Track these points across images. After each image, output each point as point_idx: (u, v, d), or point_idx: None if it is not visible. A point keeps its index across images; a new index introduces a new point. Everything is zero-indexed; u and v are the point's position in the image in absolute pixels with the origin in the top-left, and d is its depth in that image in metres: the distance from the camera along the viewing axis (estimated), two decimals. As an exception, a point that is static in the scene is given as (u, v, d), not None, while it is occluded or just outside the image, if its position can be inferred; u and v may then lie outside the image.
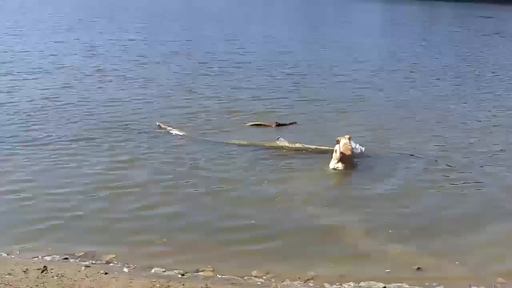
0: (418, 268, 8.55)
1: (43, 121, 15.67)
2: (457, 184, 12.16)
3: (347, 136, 12.90)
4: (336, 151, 12.74)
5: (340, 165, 12.66)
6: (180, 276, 8.19)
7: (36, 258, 8.54)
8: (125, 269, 8.34)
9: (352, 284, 8.13)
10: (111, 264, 8.50)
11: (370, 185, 12.03)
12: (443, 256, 9.05)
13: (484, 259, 9.06)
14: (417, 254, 9.09)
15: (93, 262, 8.52)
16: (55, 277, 7.77)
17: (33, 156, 12.86)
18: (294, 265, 8.71)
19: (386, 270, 8.52)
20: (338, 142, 12.77)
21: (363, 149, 13.36)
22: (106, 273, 8.03)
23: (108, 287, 7.56)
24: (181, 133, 14.94)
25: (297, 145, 13.99)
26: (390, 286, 8.05)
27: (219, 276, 8.26)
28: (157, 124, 15.57)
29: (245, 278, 8.24)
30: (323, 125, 16.22)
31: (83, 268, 8.21)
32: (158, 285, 7.67)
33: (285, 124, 16.22)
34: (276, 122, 16.21)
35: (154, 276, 8.13)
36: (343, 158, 12.62)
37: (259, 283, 8.13)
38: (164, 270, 8.36)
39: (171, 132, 15.06)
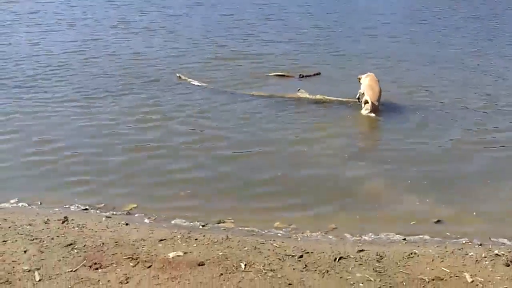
0: (438, 220, 8.55)
1: (68, 76, 15.73)
2: (486, 140, 12.06)
3: (372, 74, 13.24)
4: (367, 101, 12.87)
5: (372, 114, 12.83)
6: (201, 227, 8.24)
7: (57, 209, 8.64)
8: (146, 220, 8.41)
9: (372, 236, 8.13)
10: (131, 215, 8.59)
11: (396, 138, 12.00)
12: (462, 209, 9.04)
13: (504, 213, 9.02)
14: (436, 206, 9.08)
15: (114, 213, 8.60)
16: (76, 228, 7.85)
17: (57, 111, 12.95)
18: (315, 217, 8.77)
19: (407, 223, 8.53)
20: (359, 79, 13.30)
21: None
22: (127, 224, 8.10)
23: (129, 237, 7.59)
24: (201, 84, 14.90)
25: (318, 96, 13.92)
26: (410, 238, 8.05)
27: (240, 227, 8.29)
28: (177, 75, 15.55)
29: (266, 229, 8.25)
30: (347, 76, 15.89)
31: (103, 219, 8.30)
32: (179, 236, 7.69)
33: (308, 76, 16.11)
34: (300, 74, 16.11)
35: (175, 226, 8.20)
36: (374, 108, 12.78)
37: (279, 234, 8.15)
38: (185, 221, 8.42)
39: (192, 83, 15.03)
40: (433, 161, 10.90)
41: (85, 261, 6.91)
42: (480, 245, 7.84)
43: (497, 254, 7.45)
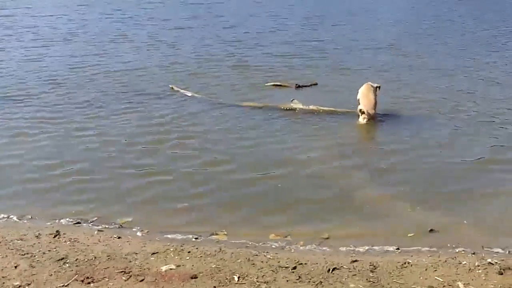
0: (431, 230, 8.52)
1: (66, 87, 15.83)
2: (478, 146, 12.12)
3: (376, 85, 13.40)
4: (361, 111, 12.96)
5: (364, 120, 13.00)
6: (194, 239, 8.19)
7: (48, 223, 8.59)
8: (139, 233, 8.37)
9: (366, 246, 8.11)
10: (124, 229, 8.53)
11: (389, 145, 12.11)
12: (456, 218, 9.01)
13: (498, 221, 9.02)
14: (430, 216, 9.06)
15: (106, 226, 8.55)
16: (68, 242, 7.81)
17: (52, 122, 13.01)
18: (309, 228, 8.73)
19: (401, 233, 8.52)
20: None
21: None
22: (119, 237, 8.07)
23: (121, 251, 7.57)
24: (197, 95, 14.92)
25: (312, 107, 13.93)
26: (403, 248, 8.03)
27: (233, 240, 8.25)
28: (170, 86, 15.58)
29: (259, 242, 8.21)
30: (344, 87, 16.01)
31: (96, 232, 8.26)
32: (172, 249, 7.68)
33: (305, 86, 16.16)
34: (296, 84, 16.15)
35: (168, 240, 8.15)
36: (369, 116, 12.90)
37: (273, 246, 8.12)
38: (178, 234, 8.36)
39: (185, 93, 15.07)
40: (428, 171, 10.89)
41: (77, 275, 6.88)
42: (473, 254, 7.83)
43: (490, 263, 7.44)
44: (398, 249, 8.01)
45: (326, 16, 28.80)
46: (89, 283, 6.73)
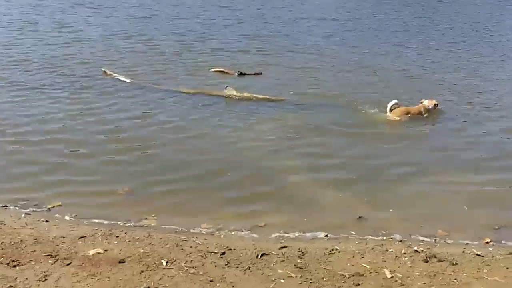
0: (360, 217, 8.64)
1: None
2: (413, 135, 12.54)
3: (434, 101, 13.55)
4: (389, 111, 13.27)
5: (389, 115, 13.28)
6: (123, 224, 8.14)
7: (-27, 206, 8.45)
8: (67, 217, 8.27)
9: (296, 233, 8.17)
10: (52, 212, 8.42)
11: (322, 132, 12.27)
12: (385, 206, 9.15)
13: (425, 210, 9.17)
14: (359, 203, 9.18)
15: (34, 210, 8.44)
16: (-6, 225, 7.69)
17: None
18: (240, 215, 8.73)
19: (330, 219, 8.61)
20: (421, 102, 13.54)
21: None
22: (47, 221, 7.97)
23: (49, 235, 7.48)
24: (128, 80, 14.85)
25: (246, 94, 14.01)
26: (332, 235, 8.12)
27: (163, 225, 8.21)
28: (103, 70, 15.45)
29: (189, 227, 8.20)
30: (288, 79, 16.19)
31: (23, 215, 8.14)
32: (100, 233, 7.61)
33: (248, 74, 16.20)
34: (239, 71, 16.17)
35: (96, 224, 8.07)
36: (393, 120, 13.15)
37: (203, 232, 8.11)
38: (107, 219, 8.30)
39: (117, 78, 15.03)
40: (357, 157, 11.06)
41: (2, 258, 6.77)
42: (401, 241, 7.96)
43: (416, 251, 7.57)
44: (326, 236, 8.08)
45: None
46: (14, 266, 6.62)
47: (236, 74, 16.05)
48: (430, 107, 13.42)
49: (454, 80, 16.76)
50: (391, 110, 13.17)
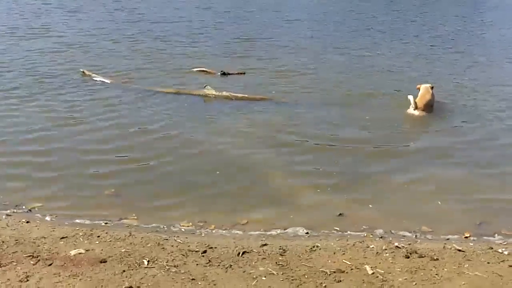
0: (340, 214, 8.68)
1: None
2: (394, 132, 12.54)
3: (429, 85, 13.80)
4: (412, 101, 13.35)
5: (416, 112, 13.35)
6: (104, 224, 8.14)
7: (-49, 209, 8.41)
8: (48, 218, 8.26)
9: (277, 232, 8.19)
10: (33, 213, 8.40)
11: (302, 130, 12.32)
12: (365, 202, 9.21)
13: (406, 206, 9.22)
14: (340, 200, 9.23)
15: (15, 211, 8.41)
16: (-28, 227, 7.66)
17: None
18: (222, 213, 8.75)
19: (311, 216, 8.64)
20: (418, 88, 13.82)
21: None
22: (28, 222, 7.94)
23: (30, 236, 7.46)
24: (107, 81, 14.84)
25: (225, 93, 14.04)
26: (313, 232, 8.16)
27: (144, 225, 8.23)
28: (81, 71, 15.39)
29: (170, 226, 8.22)
30: (270, 78, 16.27)
31: (4, 217, 8.12)
32: (81, 233, 7.59)
33: (231, 74, 16.21)
34: (221, 71, 16.17)
35: (77, 224, 8.06)
36: (418, 107, 13.32)
37: (183, 230, 8.13)
38: (87, 219, 8.29)
39: (95, 79, 14.95)
40: (340, 154, 11.09)
41: (-17, 260, 6.76)
42: (381, 238, 8.01)
43: (397, 247, 7.61)
44: (307, 233, 8.12)
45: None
46: (-4, 267, 6.63)
47: (218, 73, 16.04)
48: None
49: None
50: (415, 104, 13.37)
